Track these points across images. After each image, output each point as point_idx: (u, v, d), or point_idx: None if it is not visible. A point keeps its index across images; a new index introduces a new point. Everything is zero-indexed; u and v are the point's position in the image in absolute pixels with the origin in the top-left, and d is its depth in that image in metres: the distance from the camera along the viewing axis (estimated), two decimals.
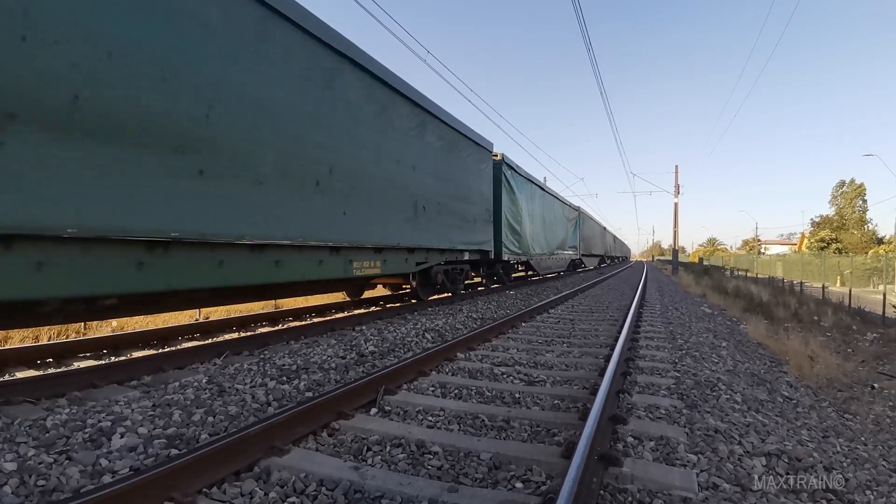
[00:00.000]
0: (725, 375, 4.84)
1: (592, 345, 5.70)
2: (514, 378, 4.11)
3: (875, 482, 2.99)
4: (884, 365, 8.14)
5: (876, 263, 29.68)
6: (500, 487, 2.23)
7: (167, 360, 4.28)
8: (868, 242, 46.20)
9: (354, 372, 4.22)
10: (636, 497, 2.14)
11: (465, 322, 7.22)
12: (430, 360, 4.30)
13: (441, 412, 3.19)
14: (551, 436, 2.85)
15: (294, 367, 4.19)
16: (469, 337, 5.28)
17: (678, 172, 30.34)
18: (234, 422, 2.93)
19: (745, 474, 2.44)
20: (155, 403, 3.15)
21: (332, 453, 2.54)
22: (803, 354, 7.44)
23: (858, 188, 50.90)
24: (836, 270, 31.50)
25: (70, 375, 3.68)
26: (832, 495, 2.47)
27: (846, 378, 7.14)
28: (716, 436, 2.91)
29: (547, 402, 3.48)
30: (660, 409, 3.30)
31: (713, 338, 7.33)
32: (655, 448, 2.66)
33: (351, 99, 5.91)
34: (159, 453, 2.47)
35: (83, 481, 2.16)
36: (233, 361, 4.43)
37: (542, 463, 2.42)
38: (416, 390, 3.69)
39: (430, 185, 8.06)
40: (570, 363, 4.70)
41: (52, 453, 2.39)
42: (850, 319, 12.63)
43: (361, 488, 2.16)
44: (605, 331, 6.66)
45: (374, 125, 6.42)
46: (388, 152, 6.72)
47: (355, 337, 5.64)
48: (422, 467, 2.41)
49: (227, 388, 3.54)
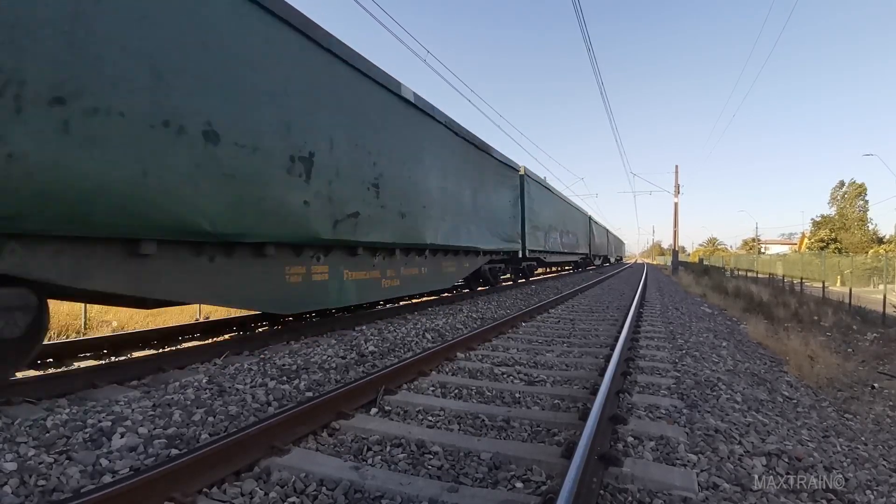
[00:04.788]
0: (725, 375, 4.84)
1: (592, 345, 5.70)
2: (514, 378, 4.11)
3: (875, 482, 2.99)
4: (884, 365, 8.14)
5: (876, 263, 29.66)
6: (500, 487, 2.23)
7: (167, 360, 4.28)
8: (868, 242, 46.16)
9: (354, 372, 4.22)
10: (636, 497, 2.14)
11: (466, 322, 7.22)
12: (431, 360, 4.30)
13: (441, 412, 3.19)
14: (551, 436, 2.85)
15: (294, 367, 4.19)
16: (469, 337, 5.27)
17: (678, 172, 30.37)
18: (234, 422, 2.93)
19: (745, 474, 2.44)
20: (155, 403, 3.15)
21: (333, 453, 2.54)
22: (803, 354, 7.44)
23: (859, 188, 50.84)
24: (836, 270, 31.47)
25: (70, 375, 3.68)
26: (832, 495, 2.47)
27: (846, 378, 7.15)
28: (716, 435, 2.91)
29: (547, 401, 3.48)
30: (660, 408, 3.30)
31: (713, 338, 7.32)
32: (655, 448, 2.66)
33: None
34: (159, 453, 2.47)
35: (83, 481, 2.16)
36: (233, 361, 4.43)
37: (543, 463, 2.42)
38: (417, 390, 3.69)
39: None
40: (570, 363, 4.70)
41: (53, 453, 2.39)
42: (851, 319, 12.63)
43: (361, 488, 2.16)
44: (606, 331, 6.66)
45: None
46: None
47: (355, 337, 5.64)
48: (422, 467, 2.41)
49: (228, 387, 3.54)
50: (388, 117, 6.79)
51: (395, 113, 6.99)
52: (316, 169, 5.26)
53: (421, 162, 7.76)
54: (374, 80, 6.39)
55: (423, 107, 7.73)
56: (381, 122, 6.62)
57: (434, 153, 8.25)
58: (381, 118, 6.63)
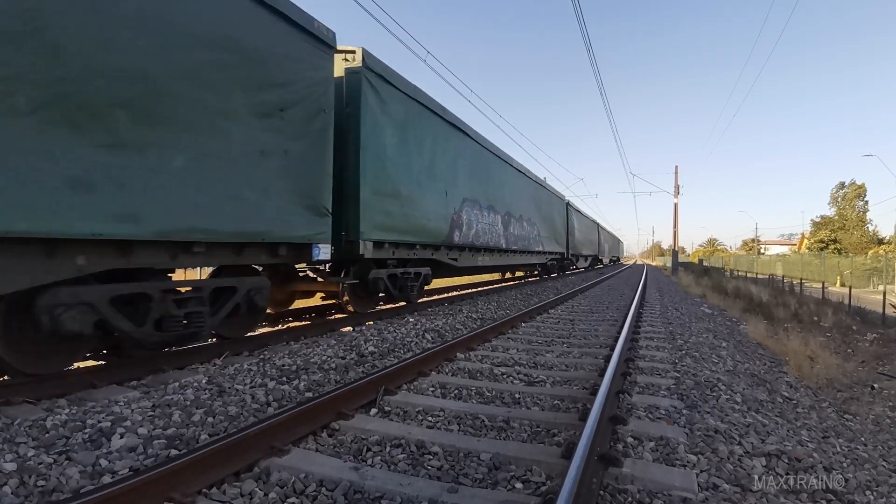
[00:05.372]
0: (725, 376, 4.84)
1: (592, 345, 5.70)
2: (513, 378, 4.11)
3: (875, 482, 2.99)
4: (884, 365, 8.14)
5: (876, 264, 29.69)
6: (499, 488, 2.23)
7: (167, 360, 4.27)
8: (868, 243, 46.15)
9: (354, 372, 4.22)
10: (636, 497, 2.14)
11: (465, 322, 7.22)
12: (430, 361, 4.30)
13: (441, 412, 3.19)
14: (551, 436, 2.85)
15: (294, 368, 4.19)
16: (469, 337, 5.27)
17: (678, 173, 30.38)
18: (233, 422, 2.93)
19: (744, 475, 2.44)
20: (155, 404, 3.15)
21: (332, 454, 2.54)
22: (803, 355, 7.44)
23: (859, 188, 50.82)
24: (835, 271, 31.50)
25: (70, 375, 3.67)
26: (832, 495, 2.46)
27: (846, 378, 7.15)
28: (716, 436, 2.91)
29: (547, 402, 3.48)
30: (660, 409, 3.30)
31: (713, 338, 7.32)
32: (655, 448, 2.66)
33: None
34: (159, 454, 2.47)
35: (83, 482, 2.16)
36: (232, 362, 4.43)
37: (542, 463, 2.42)
38: (416, 391, 3.68)
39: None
40: (569, 363, 4.70)
41: (52, 454, 2.39)
42: (850, 320, 12.64)
43: (361, 489, 2.16)
44: (605, 331, 6.66)
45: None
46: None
47: (355, 337, 5.64)
48: (422, 468, 2.41)
49: (227, 388, 3.54)
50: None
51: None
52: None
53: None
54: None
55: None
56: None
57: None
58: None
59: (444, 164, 8.72)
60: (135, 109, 3.47)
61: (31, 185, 2.94)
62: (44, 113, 2.98)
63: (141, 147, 3.53)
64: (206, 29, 3.99)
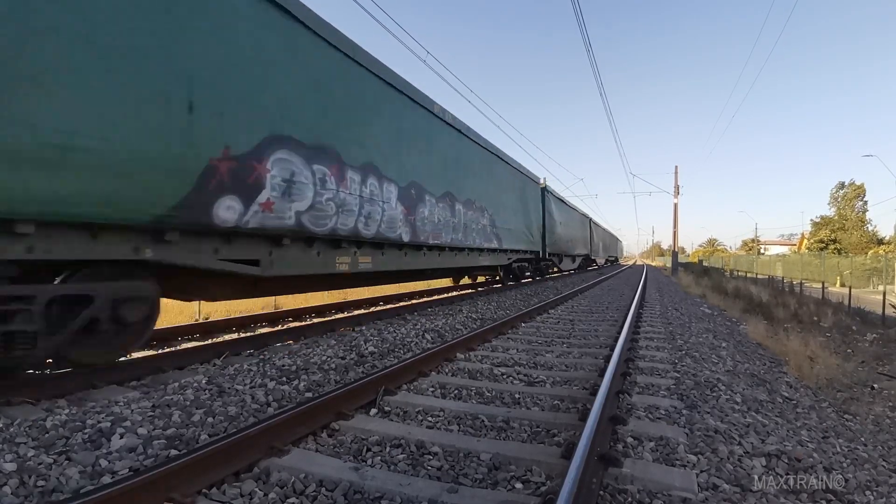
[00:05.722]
0: (725, 376, 4.84)
1: (592, 345, 5.70)
2: (513, 378, 4.11)
3: (875, 482, 2.99)
4: (883, 365, 8.14)
5: (875, 264, 29.69)
6: (499, 488, 2.23)
7: (167, 360, 4.28)
8: (868, 243, 46.15)
9: (354, 372, 4.22)
10: (636, 497, 2.14)
11: (465, 322, 7.22)
12: (430, 361, 4.30)
13: (441, 413, 3.19)
14: (551, 436, 2.85)
15: (294, 368, 4.19)
16: (469, 337, 5.27)
17: (678, 173, 30.38)
18: (233, 422, 2.93)
19: (744, 475, 2.44)
20: (154, 404, 3.15)
21: (332, 454, 2.54)
22: (803, 355, 7.44)
23: (858, 189, 50.83)
24: (835, 271, 31.51)
25: (70, 376, 3.67)
26: (832, 496, 2.46)
27: (846, 378, 7.15)
28: (716, 436, 2.91)
29: (547, 402, 3.48)
30: (659, 409, 3.30)
31: (713, 338, 7.32)
32: (655, 448, 2.66)
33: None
34: (159, 454, 2.47)
35: (83, 482, 2.16)
36: (232, 362, 4.43)
37: (542, 463, 2.42)
38: (416, 391, 3.68)
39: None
40: (569, 364, 4.70)
41: (52, 454, 2.39)
42: (850, 320, 12.64)
43: (361, 489, 2.16)
44: (605, 331, 6.66)
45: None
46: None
47: (355, 337, 5.64)
48: (421, 468, 2.41)
49: (227, 388, 3.54)
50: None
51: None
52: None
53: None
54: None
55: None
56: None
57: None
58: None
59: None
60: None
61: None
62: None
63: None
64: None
